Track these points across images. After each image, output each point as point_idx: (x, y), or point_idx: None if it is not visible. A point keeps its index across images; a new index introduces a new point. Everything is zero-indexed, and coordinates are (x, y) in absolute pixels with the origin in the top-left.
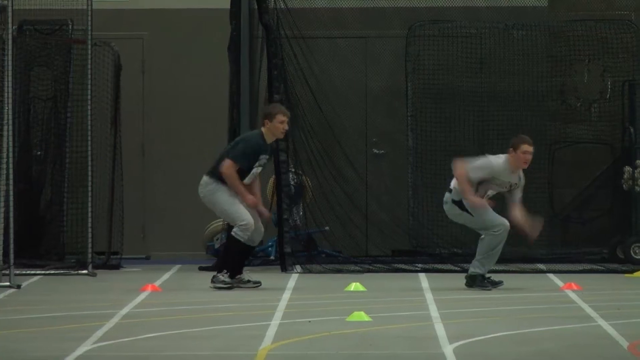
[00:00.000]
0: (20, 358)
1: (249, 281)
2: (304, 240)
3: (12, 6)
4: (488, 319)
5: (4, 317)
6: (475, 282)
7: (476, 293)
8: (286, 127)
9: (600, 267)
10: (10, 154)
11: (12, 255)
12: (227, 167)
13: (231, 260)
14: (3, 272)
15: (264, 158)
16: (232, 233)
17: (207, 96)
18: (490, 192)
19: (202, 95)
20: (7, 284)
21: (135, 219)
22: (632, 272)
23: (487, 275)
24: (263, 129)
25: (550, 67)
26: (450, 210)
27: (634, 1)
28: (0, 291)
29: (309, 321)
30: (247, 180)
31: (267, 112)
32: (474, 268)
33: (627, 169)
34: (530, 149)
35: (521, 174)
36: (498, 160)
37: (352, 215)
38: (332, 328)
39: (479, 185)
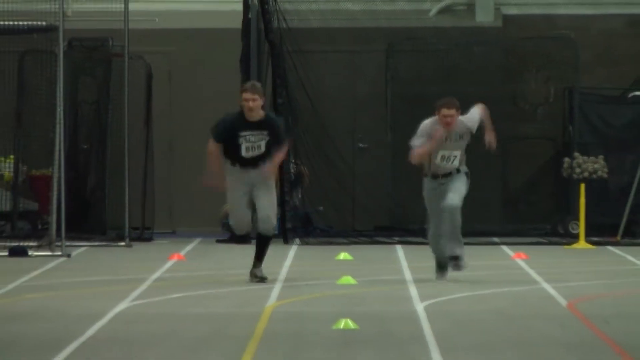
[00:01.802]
0: (70, 314)
1: (255, 277)
2: (302, 218)
3: (63, 26)
4: (452, 282)
5: (57, 281)
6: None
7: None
8: (251, 104)
9: (544, 240)
10: (61, 148)
11: (63, 230)
12: (208, 144)
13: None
14: (56, 244)
15: (247, 134)
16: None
17: (222, 100)
18: (443, 153)
19: (218, 99)
20: (60, 253)
21: (163, 201)
22: (570, 244)
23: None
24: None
25: (503, 77)
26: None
27: (573, 22)
28: (54, 259)
29: (306, 284)
30: (245, 154)
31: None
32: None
33: (567, 160)
34: (449, 112)
35: (467, 120)
36: (432, 119)
37: (342, 198)
38: (325, 290)
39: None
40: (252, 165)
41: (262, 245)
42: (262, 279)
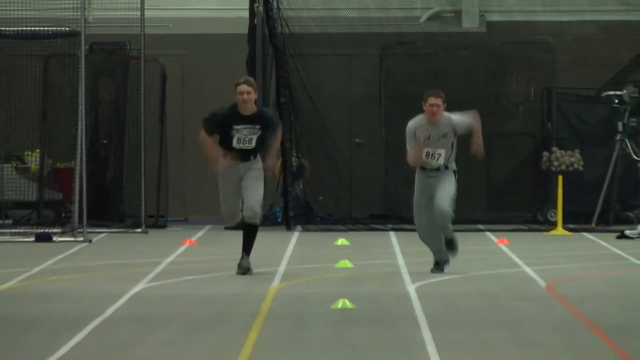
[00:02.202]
0: (92, 294)
1: (242, 268)
2: (303, 207)
3: (84, 31)
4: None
5: (79, 264)
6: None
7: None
8: (245, 97)
9: (525, 227)
10: (83, 143)
11: (85, 218)
12: (200, 134)
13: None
14: (78, 230)
15: (240, 127)
16: None
17: (230, 99)
18: (427, 150)
19: (226, 98)
20: (82, 239)
21: (177, 191)
22: (548, 230)
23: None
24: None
25: (487, 78)
26: None
27: (551, 28)
28: (76, 245)
29: (307, 267)
30: (236, 144)
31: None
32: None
33: (545, 154)
34: (436, 100)
35: (452, 119)
36: (415, 118)
37: (339, 188)
38: (324, 272)
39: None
40: (241, 158)
41: (249, 235)
42: (247, 270)
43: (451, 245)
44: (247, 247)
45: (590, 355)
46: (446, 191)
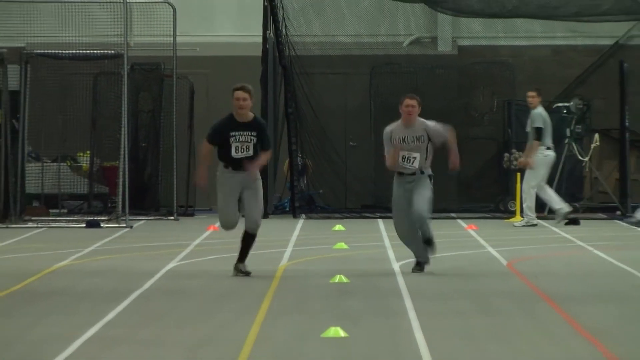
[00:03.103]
0: (132, 270)
1: (240, 271)
2: (307, 199)
3: (127, 54)
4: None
5: (122, 246)
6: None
7: None
8: (242, 103)
9: (489, 215)
10: (125, 145)
11: (127, 208)
12: (202, 146)
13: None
14: (121, 218)
15: (237, 134)
16: None
17: None
18: (403, 153)
19: None
20: (124, 225)
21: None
22: (509, 218)
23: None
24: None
25: (458, 92)
26: None
27: (511, 51)
28: (120, 230)
29: (310, 248)
30: (235, 154)
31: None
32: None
33: (506, 155)
34: (411, 102)
35: (427, 125)
36: (391, 124)
37: (337, 183)
38: (324, 253)
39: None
40: (241, 167)
41: (247, 243)
42: (247, 274)
43: (429, 242)
44: (244, 254)
45: (542, 320)
46: (423, 195)
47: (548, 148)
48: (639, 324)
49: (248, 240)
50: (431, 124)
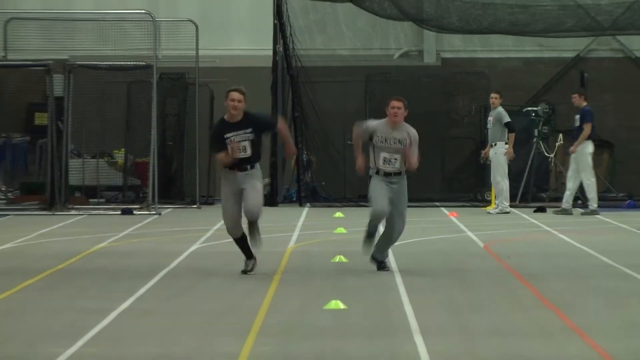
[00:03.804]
0: (160, 252)
1: (245, 270)
2: (311, 190)
3: (156, 65)
4: (409, 231)
5: (152, 230)
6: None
7: (414, 226)
8: (236, 104)
9: (468, 204)
10: (155, 144)
11: (156, 197)
12: (215, 157)
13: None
14: (151, 206)
15: (230, 135)
16: None
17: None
18: (384, 155)
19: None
20: (154, 212)
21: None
22: (485, 206)
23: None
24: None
25: (442, 98)
26: None
27: (487, 62)
28: (150, 216)
29: (314, 232)
30: (235, 154)
31: (226, 92)
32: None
33: (483, 151)
34: (397, 104)
35: (410, 131)
36: (379, 120)
37: (337, 177)
38: (326, 236)
39: (374, 152)
40: (239, 168)
41: (250, 231)
42: (252, 266)
43: (383, 266)
44: (248, 253)
45: (513, 294)
46: (404, 209)
47: (506, 143)
48: (595, 297)
49: (250, 228)
50: (414, 136)
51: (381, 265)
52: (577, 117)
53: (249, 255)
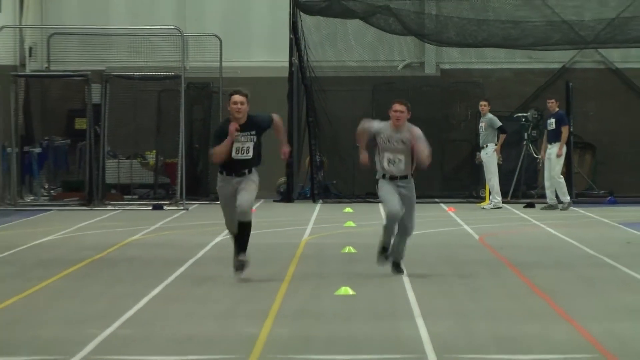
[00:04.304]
0: (188, 243)
1: (239, 261)
2: (323, 188)
3: (184, 75)
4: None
5: (180, 224)
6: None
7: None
8: (239, 107)
9: (465, 200)
10: (183, 146)
11: (184, 194)
12: (210, 155)
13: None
14: (179, 202)
15: (238, 135)
16: None
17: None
18: (388, 156)
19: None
20: (182, 208)
21: None
22: (480, 202)
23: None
24: None
25: (441, 105)
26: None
27: (482, 73)
28: (178, 212)
29: (326, 226)
30: (235, 155)
31: (227, 96)
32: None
33: (478, 153)
34: (400, 107)
35: (412, 130)
36: (383, 121)
37: (347, 176)
38: (337, 229)
39: (379, 153)
40: (237, 172)
41: (241, 234)
42: (243, 264)
43: (399, 268)
44: (240, 247)
45: (506, 282)
46: (412, 213)
47: (496, 144)
48: (579, 284)
49: (241, 230)
50: (417, 132)
51: (398, 269)
52: (552, 120)
53: (242, 247)
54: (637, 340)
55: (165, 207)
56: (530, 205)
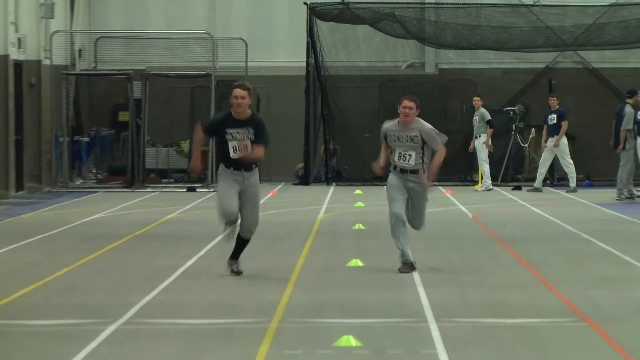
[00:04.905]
0: (217, 221)
1: (232, 271)
2: (336, 172)
3: (214, 74)
4: None
5: (211, 204)
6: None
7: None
8: (240, 101)
9: (460, 184)
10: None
11: (214, 178)
12: (195, 132)
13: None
14: (210, 185)
15: (233, 131)
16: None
17: (296, 113)
18: (399, 151)
19: (293, 110)
20: (212, 190)
21: (265, 162)
22: (473, 185)
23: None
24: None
25: (439, 99)
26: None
27: (475, 72)
28: (209, 193)
29: (340, 205)
30: (233, 155)
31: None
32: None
33: (471, 142)
34: (409, 104)
35: (422, 127)
36: (390, 120)
37: (356, 162)
38: (348, 209)
39: (391, 150)
40: (245, 167)
41: (241, 246)
42: (238, 273)
43: (411, 266)
44: (237, 254)
45: (496, 255)
46: (422, 210)
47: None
48: (561, 257)
49: (242, 244)
50: (427, 127)
51: (414, 266)
52: (554, 115)
53: (236, 254)
54: (610, 305)
55: (197, 190)
56: (518, 188)
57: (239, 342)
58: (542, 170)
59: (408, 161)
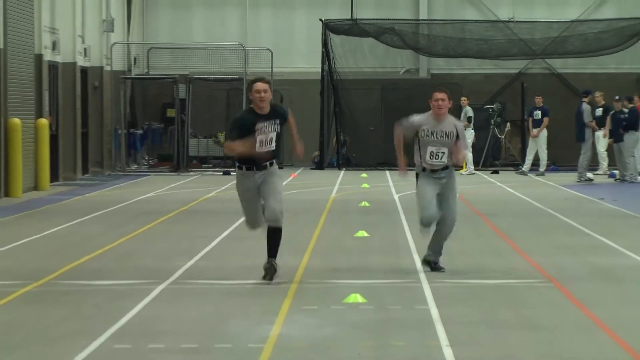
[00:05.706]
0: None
1: (271, 265)
2: (346, 159)
3: (245, 78)
4: (410, 185)
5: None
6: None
7: (413, 184)
8: (262, 95)
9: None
10: None
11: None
12: (225, 146)
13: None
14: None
15: (261, 125)
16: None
17: (313, 111)
18: (431, 149)
19: (310, 108)
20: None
21: (287, 150)
22: (459, 170)
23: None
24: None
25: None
26: None
27: (460, 77)
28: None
29: (346, 187)
30: (259, 148)
31: (248, 85)
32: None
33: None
34: (440, 95)
35: (457, 124)
36: (422, 114)
37: (363, 151)
38: (355, 190)
39: (420, 147)
40: (258, 166)
41: (273, 239)
42: (272, 271)
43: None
44: (274, 252)
45: (477, 227)
46: (454, 203)
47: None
48: (531, 229)
49: (273, 236)
50: (460, 126)
51: (435, 266)
52: (539, 112)
53: (272, 252)
54: (572, 268)
55: (232, 173)
56: (496, 172)
57: (265, 300)
58: (529, 157)
59: (441, 159)
